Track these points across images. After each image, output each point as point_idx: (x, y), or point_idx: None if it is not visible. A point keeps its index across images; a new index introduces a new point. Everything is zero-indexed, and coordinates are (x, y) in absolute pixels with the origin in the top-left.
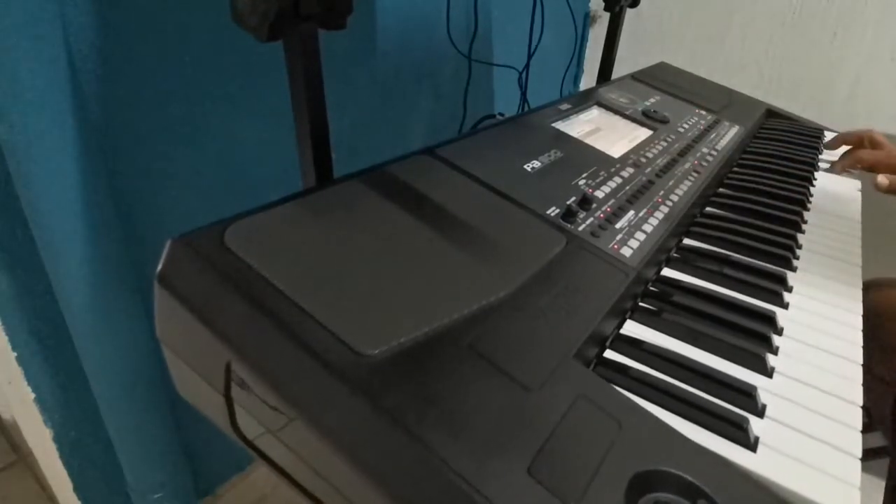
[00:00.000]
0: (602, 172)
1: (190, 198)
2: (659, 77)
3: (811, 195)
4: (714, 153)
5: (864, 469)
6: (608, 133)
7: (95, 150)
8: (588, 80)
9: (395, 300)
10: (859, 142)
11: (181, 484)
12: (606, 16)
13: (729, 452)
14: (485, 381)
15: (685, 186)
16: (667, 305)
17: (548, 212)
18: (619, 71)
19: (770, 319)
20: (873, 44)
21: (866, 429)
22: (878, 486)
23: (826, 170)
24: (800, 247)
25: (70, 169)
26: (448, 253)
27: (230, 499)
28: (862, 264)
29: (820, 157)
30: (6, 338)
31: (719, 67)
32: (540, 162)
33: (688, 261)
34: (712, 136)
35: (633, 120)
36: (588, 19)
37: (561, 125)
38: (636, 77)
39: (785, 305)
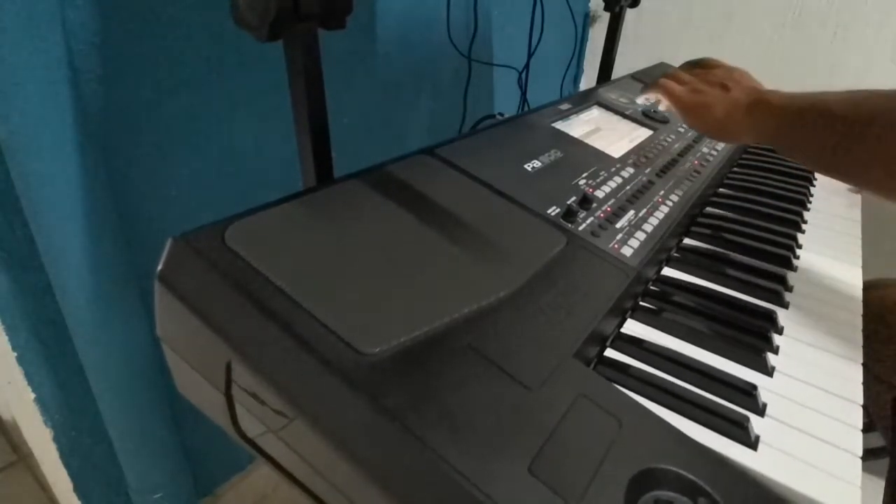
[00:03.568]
0: (602, 172)
1: (190, 198)
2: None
3: (811, 195)
4: (714, 153)
5: (864, 469)
6: (608, 133)
7: (95, 150)
8: (588, 80)
9: (395, 299)
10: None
11: (181, 484)
12: (606, 16)
13: (730, 450)
14: (485, 381)
15: (685, 186)
16: (667, 305)
17: (548, 211)
18: (619, 71)
19: (770, 318)
20: (873, 44)
21: (866, 429)
22: (878, 487)
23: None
24: (800, 247)
25: (70, 169)
26: (448, 252)
27: (230, 499)
28: (862, 264)
29: None
30: (6, 338)
31: None
32: (540, 162)
33: (688, 260)
34: None
35: (633, 120)
36: (588, 19)
37: (561, 125)
38: (636, 77)
39: (785, 305)
